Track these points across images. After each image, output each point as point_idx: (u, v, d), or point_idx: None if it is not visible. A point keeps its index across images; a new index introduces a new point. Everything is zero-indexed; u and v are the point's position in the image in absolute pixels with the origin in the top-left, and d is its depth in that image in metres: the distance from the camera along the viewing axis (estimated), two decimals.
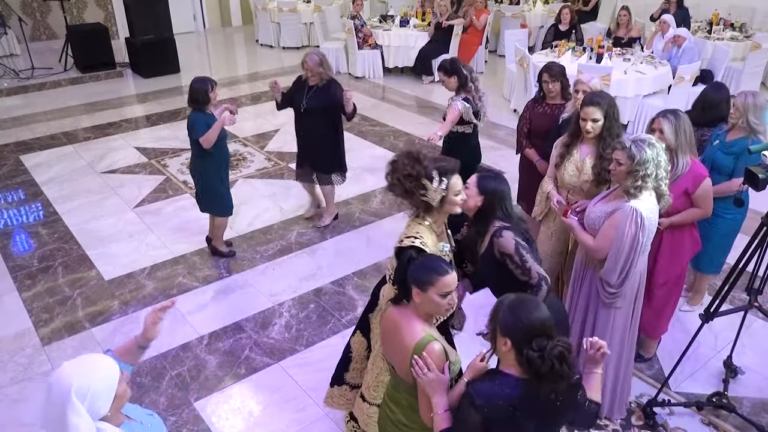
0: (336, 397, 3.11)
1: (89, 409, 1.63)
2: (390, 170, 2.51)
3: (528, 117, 4.43)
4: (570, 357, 1.73)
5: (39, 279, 4.59)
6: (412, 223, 2.56)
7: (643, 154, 2.68)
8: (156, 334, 2.17)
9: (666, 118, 3.22)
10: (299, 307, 4.29)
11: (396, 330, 2.11)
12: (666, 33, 8.02)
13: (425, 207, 2.51)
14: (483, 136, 7.39)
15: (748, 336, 3.99)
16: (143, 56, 9.67)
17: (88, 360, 1.73)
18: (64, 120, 7.90)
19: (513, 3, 11.20)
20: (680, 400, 3.45)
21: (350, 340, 3.04)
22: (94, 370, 1.68)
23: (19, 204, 5.73)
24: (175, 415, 3.39)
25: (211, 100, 4.31)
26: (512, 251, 2.53)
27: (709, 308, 3.13)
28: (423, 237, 2.47)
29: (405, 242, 2.47)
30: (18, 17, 10.15)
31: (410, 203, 2.55)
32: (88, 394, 1.63)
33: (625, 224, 2.74)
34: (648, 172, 2.69)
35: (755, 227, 3.15)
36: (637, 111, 7.28)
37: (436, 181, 2.44)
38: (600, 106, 3.28)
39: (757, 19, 9.99)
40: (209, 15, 13.49)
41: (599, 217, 2.87)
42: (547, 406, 1.78)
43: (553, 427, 1.91)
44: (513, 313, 1.81)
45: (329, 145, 4.99)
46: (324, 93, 4.76)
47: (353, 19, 9.52)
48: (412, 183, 2.44)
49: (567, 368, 1.72)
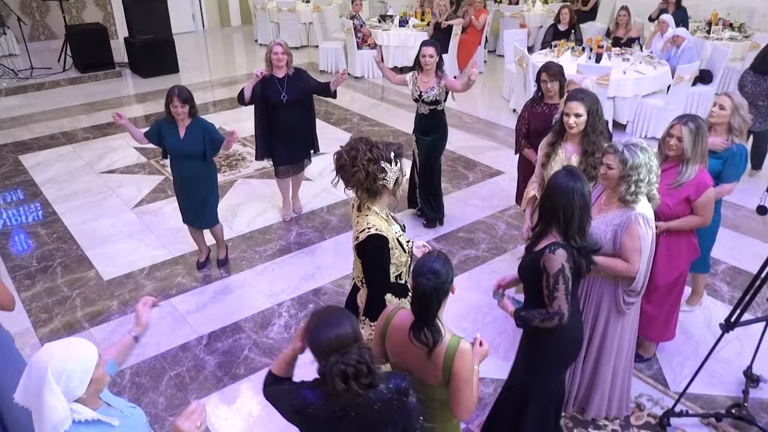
0: None
1: (64, 390, 1.67)
2: (349, 157, 2.44)
3: (526, 117, 4.44)
4: (364, 375, 1.74)
5: (38, 279, 4.59)
6: (359, 218, 2.54)
7: (635, 158, 2.65)
8: (148, 319, 2.27)
9: (687, 126, 3.14)
10: (298, 307, 4.29)
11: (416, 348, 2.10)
12: (665, 33, 8.03)
13: (372, 194, 2.50)
14: (482, 135, 7.43)
15: (748, 336, 3.99)
16: (142, 56, 9.68)
17: (69, 341, 1.77)
18: (63, 120, 7.90)
19: (512, 3, 11.21)
20: (696, 409, 3.40)
21: None
22: (71, 351, 1.72)
23: (18, 204, 5.73)
24: (174, 415, 3.39)
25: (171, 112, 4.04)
26: (552, 272, 2.41)
27: (729, 317, 3.09)
28: (375, 224, 2.48)
29: (362, 236, 2.47)
30: (17, 17, 10.15)
31: (358, 191, 2.53)
32: (64, 373, 1.66)
33: (645, 234, 2.72)
34: (641, 176, 2.66)
35: (756, 227, 3.14)
36: (636, 111, 7.29)
37: (393, 162, 2.50)
38: (583, 102, 3.26)
39: (755, 19, 10.00)
40: (208, 15, 13.49)
41: (604, 232, 2.78)
42: (346, 417, 1.81)
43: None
44: (315, 326, 1.84)
45: (308, 131, 5.01)
46: (299, 81, 4.74)
47: (352, 19, 9.52)
48: (374, 166, 2.44)
49: (356, 386, 1.73)
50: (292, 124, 4.84)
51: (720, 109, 3.64)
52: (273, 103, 4.73)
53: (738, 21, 9.46)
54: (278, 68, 4.68)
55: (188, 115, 4.08)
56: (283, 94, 4.69)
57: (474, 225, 5.33)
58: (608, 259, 2.78)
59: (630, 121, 7.35)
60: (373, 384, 1.78)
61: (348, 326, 1.81)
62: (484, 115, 8.22)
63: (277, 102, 4.72)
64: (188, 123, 4.11)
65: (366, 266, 2.56)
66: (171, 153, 4.22)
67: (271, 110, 4.79)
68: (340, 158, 2.47)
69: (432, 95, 4.72)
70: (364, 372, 1.75)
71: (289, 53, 4.69)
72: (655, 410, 3.41)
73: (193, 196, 4.38)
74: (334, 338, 1.78)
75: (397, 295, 2.63)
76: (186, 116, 4.07)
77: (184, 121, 4.10)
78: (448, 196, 5.79)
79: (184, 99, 4.00)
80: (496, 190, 5.92)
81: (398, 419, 1.88)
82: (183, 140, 4.12)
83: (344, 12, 10.98)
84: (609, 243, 2.77)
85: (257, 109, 4.86)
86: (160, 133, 4.15)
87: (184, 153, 4.17)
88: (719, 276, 4.60)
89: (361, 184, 2.47)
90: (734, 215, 5.35)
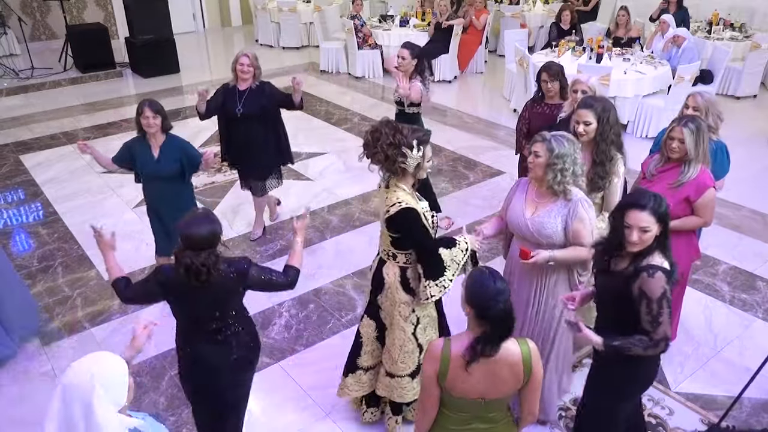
0: (351, 385, 3.18)
1: (112, 400, 1.63)
2: (372, 139, 2.66)
3: (527, 117, 4.44)
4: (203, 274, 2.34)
5: (39, 279, 4.59)
6: (389, 193, 2.73)
7: (561, 147, 2.69)
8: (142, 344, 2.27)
9: (688, 128, 3.14)
10: (299, 307, 4.29)
11: (489, 361, 2.05)
12: (666, 33, 8.03)
13: (394, 173, 2.71)
14: (483, 135, 7.43)
15: (749, 336, 4.00)
16: (143, 56, 9.67)
17: (95, 355, 1.74)
18: (64, 120, 7.90)
19: (513, 3, 11.21)
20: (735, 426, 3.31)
21: (359, 327, 3.13)
22: (106, 362, 1.70)
23: (18, 204, 5.73)
24: (175, 415, 3.39)
25: (141, 125, 3.73)
26: (655, 297, 2.29)
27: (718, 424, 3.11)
28: (404, 199, 2.68)
29: (393, 209, 2.66)
30: (18, 17, 10.16)
31: (384, 169, 2.73)
32: (110, 382, 1.64)
33: (586, 215, 2.77)
34: (565, 166, 2.70)
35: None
36: (636, 111, 7.29)
37: (415, 149, 2.64)
38: (593, 109, 3.23)
39: (756, 19, 10.00)
40: (209, 15, 13.49)
41: (554, 225, 2.79)
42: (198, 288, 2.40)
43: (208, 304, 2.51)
44: (185, 222, 2.37)
45: (270, 150, 4.74)
46: (259, 95, 4.52)
47: (353, 19, 9.52)
48: (394, 150, 2.63)
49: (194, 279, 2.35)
50: (250, 138, 4.56)
51: (694, 110, 3.63)
52: (229, 116, 4.54)
53: (739, 21, 9.45)
54: (243, 80, 4.47)
55: (161, 130, 3.75)
56: (238, 107, 4.48)
57: (474, 225, 5.31)
58: (569, 250, 2.80)
59: (630, 121, 7.35)
60: (209, 280, 2.37)
61: (206, 230, 2.35)
62: (484, 115, 8.22)
63: (232, 115, 4.52)
64: (162, 141, 3.78)
65: (408, 235, 2.74)
66: (144, 176, 3.86)
67: (226, 122, 4.60)
68: (365, 136, 2.70)
69: (397, 95, 4.79)
70: (203, 272, 2.35)
71: (256, 66, 4.49)
72: (656, 410, 3.41)
73: (171, 223, 3.94)
74: (190, 235, 2.34)
75: (448, 246, 2.77)
76: (159, 130, 3.73)
77: (158, 139, 3.76)
78: (449, 196, 5.79)
79: (156, 110, 3.68)
80: (496, 190, 5.91)
81: (238, 288, 2.55)
82: (158, 161, 3.78)
83: (345, 12, 10.98)
84: (559, 234, 2.81)
85: (219, 120, 4.70)
86: (132, 155, 3.81)
87: (159, 175, 3.80)
88: (720, 276, 4.60)
89: (381, 163, 2.70)
90: (734, 215, 5.35)
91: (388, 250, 2.86)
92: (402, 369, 2.97)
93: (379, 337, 3.07)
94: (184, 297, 2.49)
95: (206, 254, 2.35)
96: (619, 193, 3.32)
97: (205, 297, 2.47)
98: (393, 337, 2.95)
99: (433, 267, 2.74)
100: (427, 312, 2.94)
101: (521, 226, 2.87)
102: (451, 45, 9.44)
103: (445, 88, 9.44)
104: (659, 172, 3.33)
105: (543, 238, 2.81)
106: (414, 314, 2.90)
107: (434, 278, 2.75)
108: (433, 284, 2.75)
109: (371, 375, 3.15)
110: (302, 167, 6.43)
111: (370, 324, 3.07)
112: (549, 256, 2.76)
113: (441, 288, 2.76)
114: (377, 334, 3.06)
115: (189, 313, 2.57)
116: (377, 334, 3.06)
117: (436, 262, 2.74)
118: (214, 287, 2.44)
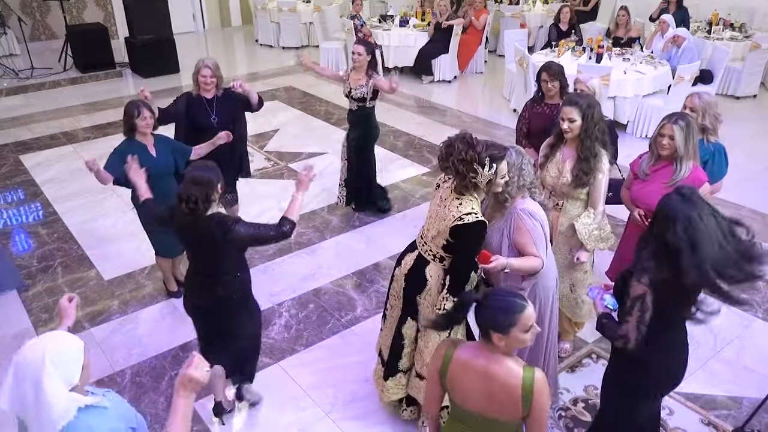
0: (391, 388, 3.16)
1: (63, 378, 1.65)
2: (445, 153, 2.66)
3: (527, 117, 4.43)
4: (192, 202, 2.77)
5: (38, 279, 4.59)
6: (464, 201, 2.69)
7: (508, 158, 2.73)
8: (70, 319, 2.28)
9: (678, 125, 3.17)
10: (299, 307, 4.29)
11: (486, 377, 2.03)
12: (665, 33, 8.03)
13: (473, 187, 2.68)
14: (483, 135, 7.40)
15: (748, 336, 4.00)
16: (143, 56, 9.67)
17: (49, 333, 1.76)
18: (64, 120, 7.90)
19: (512, 3, 11.21)
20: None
21: (402, 329, 3.05)
22: (60, 339, 1.72)
23: (18, 204, 5.73)
24: None
25: (137, 127, 3.78)
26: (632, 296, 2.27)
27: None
28: (478, 211, 2.67)
29: (467, 219, 2.63)
30: (18, 17, 10.16)
31: (457, 181, 2.71)
32: (61, 360, 1.65)
33: (533, 225, 2.80)
34: (510, 177, 2.75)
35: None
36: (636, 111, 7.29)
37: (487, 167, 2.62)
38: (578, 106, 3.24)
39: (756, 19, 10.00)
40: (209, 15, 13.49)
41: (499, 241, 2.85)
42: (188, 229, 2.91)
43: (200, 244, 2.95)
44: (192, 167, 2.94)
45: (236, 155, 4.65)
46: (228, 103, 4.43)
47: (353, 19, 9.52)
48: (465, 167, 2.61)
49: (184, 207, 2.79)
50: (222, 148, 4.28)
51: (690, 111, 3.63)
52: (202, 126, 4.32)
53: (739, 21, 9.46)
54: (206, 90, 4.35)
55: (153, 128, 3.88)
56: (213, 116, 4.34)
57: None
58: (522, 259, 2.82)
59: (630, 121, 7.35)
60: (195, 212, 2.79)
61: (204, 174, 2.83)
62: (484, 115, 8.22)
63: (206, 125, 4.30)
64: (153, 140, 3.88)
65: (465, 247, 2.72)
66: (152, 174, 3.68)
67: (200, 134, 4.29)
68: (440, 149, 2.71)
69: (359, 92, 4.93)
70: (192, 201, 2.77)
71: (219, 75, 4.35)
72: None
73: None
74: (192, 175, 2.83)
75: (475, 270, 2.81)
76: (151, 128, 3.86)
77: (149, 138, 3.85)
78: None
79: (151, 110, 3.82)
80: None
81: (220, 235, 2.83)
82: (157, 158, 3.86)
83: (345, 12, 10.98)
84: (506, 249, 2.85)
85: (180, 132, 4.43)
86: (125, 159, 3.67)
87: (161, 171, 3.83)
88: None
89: (453, 177, 2.71)
90: (734, 215, 5.33)
91: (437, 253, 2.82)
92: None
93: (416, 338, 3.05)
94: (181, 232, 2.99)
95: (198, 189, 2.78)
96: (603, 189, 3.34)
97: (195, 240, 2.94)
98: (428, 339, 2.92)
99: (460, 285, 2.76)
100: None
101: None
102: (451, 45, 9.44)
103: (445, 88, 9.44)
104: (652, 172, 3.34)
105: (489, 250, 2.82)
106: None
107: (454, 294, 2.75)
108: (451, 299, 2.75)
109: (409, 377, 3.14)
110: (302, 167, 6.41)
111: (412, 326, 3.02)
112: (505, 263, 2.77)
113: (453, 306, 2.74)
114: (416, 334, 3.04)
115: (188, 253, 3.11)
116: (417, 335, 3.04)
117: (465, 281, 2.77)
118: (201, 231, 2.86)
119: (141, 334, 4.03)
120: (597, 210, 3.36)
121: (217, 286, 2.96)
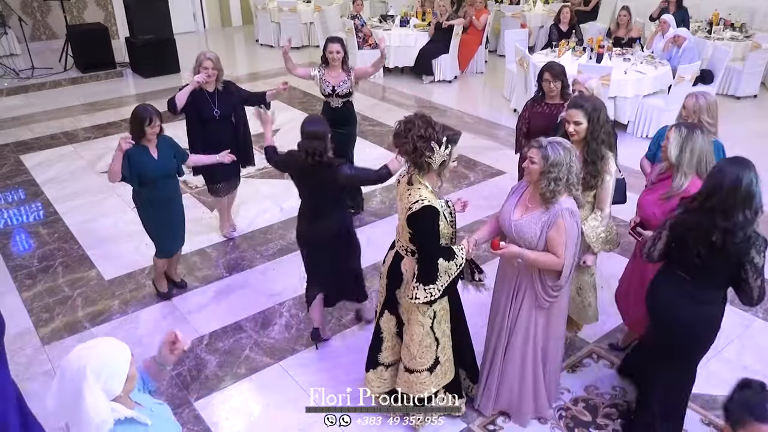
0: (372, 381, 3.22)
1: (103, 388, 1.65)
2: (404, 129, 2.69)
3: (527, 117, 4.44)
4: (317, 155, 3.28)
5: (39, 279, 4.59)
6: (410, 191, 2.74)
7: (557, 155, 2.67)
8: (170, 361, 2.17)
9: (678, 129, 3.06)
10: (299, 306, 4.29)
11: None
12: (666, 33, 8.03)
13: (419, 167, 2.72)
14: (483, 135, 7.43)
15: (749, 336, 4.00)
16: (143, 56, 9.67)
17: (100, 341, 1.76)
18: (64, 120, 7.91)
19: (513, 3, 11.21)
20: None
21: (378, 322, 3.15)
22: (107, 350, 1.72)
23: (19, 204, 5.74)
24: (175, 415, 3.35)
25: (146, 134, 3.76)
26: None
27: None
28: (427, 197, 2.69)
29: (416, 206, 2.67)
30: (18, 17, 10.15)
31: (410, 161, 2.74)
32: (103, 372, 1.65)
33: (572, 227, 2.76)
34: (560, 175, 2.68)
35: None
36: (637, 111, 7.29)
37: (444, 146, 2.65)
38: (583, 109, 3.22)
39: (757, 19, 10.00)
40: (209, 15, 13.49)
41: (534, 230, 2.80)
42: (312, 169, 3.37)
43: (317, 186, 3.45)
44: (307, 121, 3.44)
45: (241, 146, 4.75)
46: (230, 95, 4.59)
47: (353, 19, 9.53)
48: (423, 143, 2.64)
49: (309, 159, 3.30)
50: (225, 139, 4.54)
51: (684, 110, 3.59)
52: (205, 118, 4.52)
53: (739, 21, 9.46)
54: (208, 83, 4.48)
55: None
56: (215, 109, 4.50)
57: (475, 225, 5.32)
58: (540, 253, 2.82)
59: (631, 121, 7.35)
60: (321, 163, 3.29)
61: (320, 128, 3.33)
62: (484, 115, 8.22)
63: (209, 117, 4.51)
64: (156, 142, 3.88)
65: (419, 235, 2.76)
66: (150, 178, 3.85)
67: (204, 126, 4.55)
68: (397, 126, 2.74)
69: (345, 88, 4.92)
70: (317, 153, 3.27)
71: (219, 68, 4.49)
72: None
73: (180, 216, 4.21)
74: (310, 130, 3.31)
75: (447, 259, 2.78)
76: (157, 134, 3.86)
77: (153, 141, 3.84)
78: (449, 196, 5.77)
79: (160, 116, 3.81)
80: (496, 190, 5.91)
81: (332, 179, 3.33)
82: (159, 160, 3.87)
83: (345, 12, 10.98)
84: (540, 241, 2.81)
85: (190, 124, 4.63)
86: (130, 164, 3.76)
87: (165, 173, 3.92)
88: None
89: (408, 154, 2.71)
90: None
91: (407, 246, 2.88)
92: (420, 364, 3.00)
93: (399, 333, 3.09)
94: (300, 175, 3.51)
95: (318, 142, 3.26)
96: (611, 191, 3.32)
97: (312, 181, 3.43)
98: (411, 332, 2.96)
99: (428, 273, 2.77)
100: (442, 305, 2.96)
101: (507, 227, 2.91)
102: (452, 45, 9.44)
103: (446, 88, 9.45)
104: (659, 181, 3.27)
105: (523, 242, 2.83)
106: (431, 308, 2.90)
107: (425, 283, 2.76)
108: (422, 288, 2.77)
109: (392, 371, 3.17)
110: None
111: (390, 319, 3.08)
112: (518, 252, 2.79)
113: (428, 294, 2.77)
114: (397, 329, 3.08)
115: (302, 192, 3.57)
116: (397, 330, 3.08)
117: (432, 268, 2.76)
118: (318, 174, 3.35)
119: (141, 334, 4.03)
120: (604, 212, 3.34)
121: (324, 218, 3.45)
